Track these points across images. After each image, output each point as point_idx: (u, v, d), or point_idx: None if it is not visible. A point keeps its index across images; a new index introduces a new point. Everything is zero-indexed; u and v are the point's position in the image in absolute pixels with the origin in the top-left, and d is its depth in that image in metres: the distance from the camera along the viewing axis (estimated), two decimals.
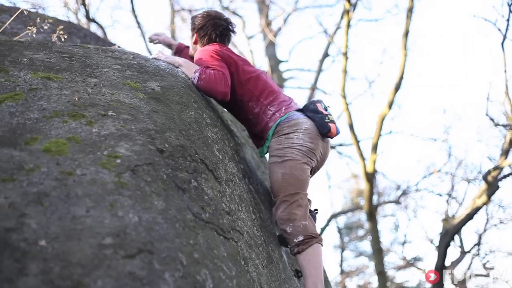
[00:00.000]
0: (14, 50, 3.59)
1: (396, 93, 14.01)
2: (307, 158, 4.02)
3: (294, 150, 4.00)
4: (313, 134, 4.10)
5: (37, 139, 2.47)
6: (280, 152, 4.04)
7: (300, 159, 3.98)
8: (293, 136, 4.06)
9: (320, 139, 4.14)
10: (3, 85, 2.94)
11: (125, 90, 3.24)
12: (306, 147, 4.03)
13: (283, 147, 4.04)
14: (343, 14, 15.14)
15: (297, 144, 4.03)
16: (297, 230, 3.86)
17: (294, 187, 3.95)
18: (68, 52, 3.79)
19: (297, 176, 3.96)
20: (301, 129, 4.09)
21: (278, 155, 4.04)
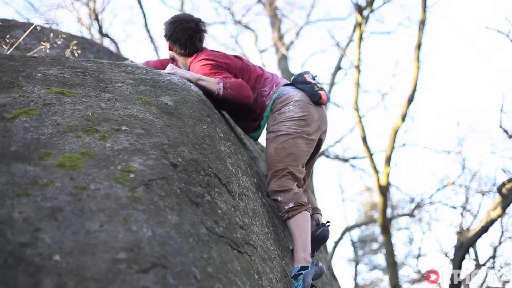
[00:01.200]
0: (28, 66, 3.62)
1: (409, 105, 13.96)
2: (301, 128, 4.16)
3: (287, 123, 4.17)
4: (304, 103, 4.25)
5: (51, 154, 2.48)
6: (274, 127, 4.21)
7: (293, 133, 4.13)
8: (284, 110, 4.23)
9: (313, 106, 4.28)
10: (18, 101, 2.96)
11: (139, 105, 3.25)
12: (298, 117, 4.18)
13: (277, 122, 4.21)
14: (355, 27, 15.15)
15: (289, 116, 4.19)
16: (288, 198, 3.99)
17: (285, 162, 4.08)
18: (82, 67, 3.81)
19: (288, 150, 4.10)
20: (292, 102, 4.25)
21: (272, 131, 4.21)
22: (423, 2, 12.92)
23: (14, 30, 7.31)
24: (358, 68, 14.61)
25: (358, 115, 14.73)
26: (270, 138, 4.22)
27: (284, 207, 3.98)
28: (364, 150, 14.79)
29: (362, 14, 14.20)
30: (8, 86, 3.13)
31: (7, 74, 3.33)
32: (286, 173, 4.05)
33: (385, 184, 14.53)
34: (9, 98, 2.97)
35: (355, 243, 26.02)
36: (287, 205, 3.97)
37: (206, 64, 4.26)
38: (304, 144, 4.16)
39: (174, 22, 4.53)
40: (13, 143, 2.51)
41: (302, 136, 4.15)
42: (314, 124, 4.25)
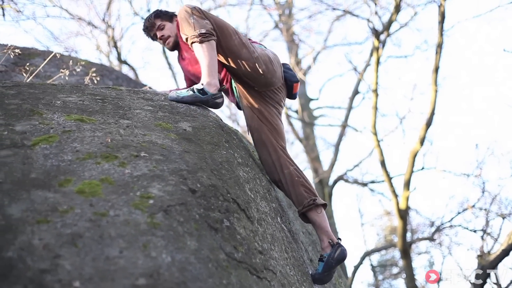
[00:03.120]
0: (48, 93, 3.65)
1: (428, 129, 13.90)
2: (260, 60, 4.27)
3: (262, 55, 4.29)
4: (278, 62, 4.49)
5: (71, 180, 2.49)
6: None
7: (254, 51, 4.27)
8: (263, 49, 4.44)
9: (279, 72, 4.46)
10: (38, 128, 2.99)
11: (157, 131, 3.27)
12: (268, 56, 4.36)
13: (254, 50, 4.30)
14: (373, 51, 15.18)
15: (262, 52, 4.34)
16: (203, 24, 4.09)
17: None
18: (101, 94, 3.85)
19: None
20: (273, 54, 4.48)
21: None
22: (439, 26, 12.91)
23: (34, 58, 7.41)
24: (375, 92, 14.61)
25: (376, 139, 14.70)
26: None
27: (196, 30, 4.05)
28: (383, 174, 14.73)
29: (379, 39, 14.22)
30: (28, 113, 3.17)
31: (27, 102, 3.37)
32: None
33: (404, 208, 14.45)
34: (29, 125, 3.00)
35: (375, 268, 25.86)
36: (201, 29, 4.05)
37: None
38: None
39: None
40: (33, 170, 2.53)
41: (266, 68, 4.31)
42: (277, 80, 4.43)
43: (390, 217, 23.62)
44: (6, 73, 6.64)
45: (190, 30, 4.08)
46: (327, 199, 17.79)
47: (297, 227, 4.56)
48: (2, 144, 2.74)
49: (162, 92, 4.38)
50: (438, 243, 18.77)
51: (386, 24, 14.43)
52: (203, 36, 4.04)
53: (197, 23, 4.06)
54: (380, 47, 14.38)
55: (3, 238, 2.01)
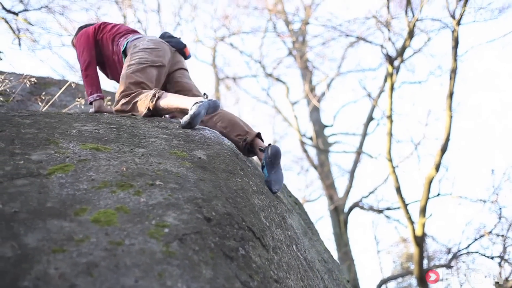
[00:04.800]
0: (63, 122, 3.68)
1: (443, 155, 13.84)
2: (152, 56, 4.70)
3: (139, 53, 4.69)
4: (157, 41, 4.88)
5: (86, 209, 2.50)
6: (128, 59, 4.71)
7: (143, 62, 4.64)
8: (139, 44, 4.78)
9: (167, 46, 4.94)
10: (53, 157, 3.00)
11: (172, 159, 3.28)
12: (150, 48, 4.74)
13: (130, 54, 4.73)
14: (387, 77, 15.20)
15: (142, 48, 4.73)
16: (146, 93, 4.43)
17: (133, 85, 4.54)
18: (116, 123, 3.87)
19: (137, 76, 4.58)
20: (146, 39, 4.85)
21: (126, 62, 4.71)
22: (453, 51, 12.93)
23: (49, 87, 7.47)
24: (390, 118, 14.60)
25: (391, 165, 14.65)
26: (124, 68, 4.68)
27: (148, 96, 4.37)
28: (399, 201, 14.66)
29: (393, 65, 14.25)
30: (44, 142, 3.19)
31: (43, 131, 3.39)
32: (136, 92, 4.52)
33: (420, 234, 14.35)
34: (45, 154, 3.02)
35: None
36: (150, 93, 4.38)
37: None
38: (152, 69, 4.69)
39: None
40: (49, 199, 2.54)
41: (153, 62, 4.70)
42: (165, 59, 4.83)
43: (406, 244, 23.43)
44: (22, 102, 6.69)
45: (146, 108, 4.42)
46: (343, 227, 17.70)
47: (312, 255, 4.53)
48: (18, 173, 2.75)
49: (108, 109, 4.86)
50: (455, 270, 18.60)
51: (399, 50, 14.47)
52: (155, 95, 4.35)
53: (144, 97, 4.42)
54: (394, 73, 14.40)
55: (19, 267, 2.01)
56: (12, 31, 11.69)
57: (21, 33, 11.83)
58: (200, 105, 4.07)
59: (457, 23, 12.32)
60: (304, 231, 5.13)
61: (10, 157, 2.93)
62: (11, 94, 6.32)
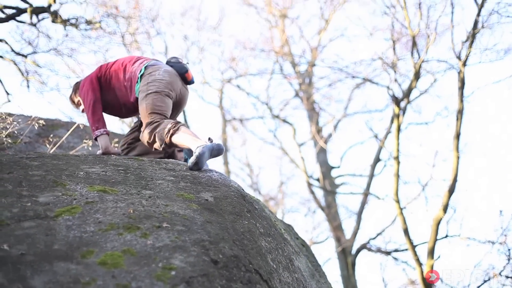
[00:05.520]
0: (71, 164, 3.70)
1: (451, 196, 13.77)
2: (167, 89, 4.91)
3: (155, 83, 4.88)
4: (172, 73, 5.07)
5: (93, 252, 2.49)
6: (145, 87, 4.89)
7: (160, 91, 4.85)
8: (155, 73, 4.96)
9: (179, 79, 5.15)
10: (61, 199, 3.01)
11: (179, 201, 3.28)
12: (165, 80, 4.94)
13: (147, 83, 4.90)
14: (393, 119, 15.22)
15: (158, 78, 4.92)
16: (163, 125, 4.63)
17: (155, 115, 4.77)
18: (123, 165, 3.88)
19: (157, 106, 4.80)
20: (162, 69, 5.03)
21: (143, 91, 4.88)
22: (459, 92, 12.96)
23: (57, 129, 7.52)
24: (397, 159, 14.58)
25: (399, 206, 14.59)
26: (141, 96, 4.88)
27: (165, 131, 4.56)
28: (407, 243, 14.55)
29: (399, 106, 14.29)
30: (51, 184, 3.20)
31: (51, 173, 3.41)
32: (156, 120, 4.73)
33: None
34: (52, 196, 3.03)
35: None
36: (167, 127, 4.57)
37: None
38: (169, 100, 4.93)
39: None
40: (56, 242, 2.54)
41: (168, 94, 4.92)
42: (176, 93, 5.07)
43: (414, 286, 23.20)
44: (30, 144, 6.73)
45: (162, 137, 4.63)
46: (350, 269, 17.56)
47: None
48: (26, 215, 2.76)
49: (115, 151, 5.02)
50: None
51: (406, 91, 14.52)
52: (171, 129, 4.55)
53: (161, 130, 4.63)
54: (400, 114, 14.43)
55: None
56: (20, 73, 11.82)
57: (29, 75, 11.97)
58: (204, 147, 4.24)
59: (463, 64, 12.39)
60: (312, 273, 5.09)
61: (17, 199, 2.94)
62: (19, 136, 6.36)
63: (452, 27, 12.59)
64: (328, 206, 19.57)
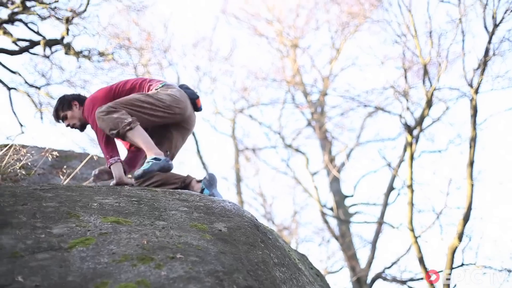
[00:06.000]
0: (84, 196, 3.71)
1: (465, 224, 13.66)
2: (176, 105, 4.93)
3: (164, 94, 4.90)
4: (184, 95, 5.09)
5: (107, 283, 2.49)
6: (154, 91, 4.97)
7: (164, 101, 4.86)
8: (168, 90, 4.99)
9: (190, 103, 5.15)
10: (74, 230, 3.01)
11: (193, 232, 3.27)
12: (176, 96, 4.95)
13: (157, 91, 4.96)
14: (406, 147, 15.17)
15: (169, 93, 4.94)
16: (124, 116, 4.67)
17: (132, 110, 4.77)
18: (137, 195, 3.89)
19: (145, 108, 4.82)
20: (176, 89, 5.08)
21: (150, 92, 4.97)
22: (472, 120, 12.92)
23: (71, 160, 7.55)
24: (411, 188, 14.51)
25: (413, 235, 14.49)
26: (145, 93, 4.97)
27: (124, 121, 4.63)
28: (422, 271, 14.42)
29: (412, 134, 14.26)
30: (65, 216, 3.21)
31: (65, 204, 3.42)
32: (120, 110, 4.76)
33: None
34: (66, 228, 3.03)
35: None
36: (127, 119, 4.64)
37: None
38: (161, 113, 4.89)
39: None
40: (70, 273, 2.54)
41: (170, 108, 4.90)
42: (185, 113, 5.06)
43: None
44: (44, 175, 6.76)
45: (116, 126, 4.67)
46: None
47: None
48: (40, 247, 2.76)
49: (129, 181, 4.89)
50: None
51: (418, 119, 14.49)
52: (130, 123, 4.64)
53: (118, 118, 4.67)
54: (413, 143, 14.39)
55: None
56: (34, 105, 11.92)
57: (43, 106, 12.08)
58: (154, 163, 4.56)
59: (475, 92, 12.35)
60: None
61: (31, 231, 2.95)
62: (33, 168, 6.39)
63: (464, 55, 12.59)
64: (342, 235, 19.47)
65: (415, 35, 13.53)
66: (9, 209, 3.23)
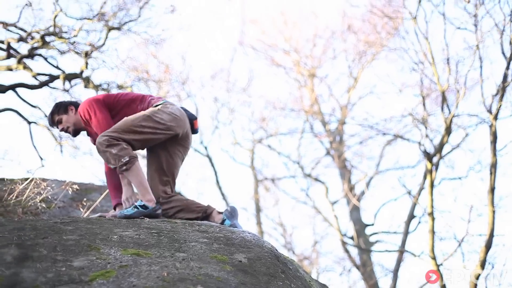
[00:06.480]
0: (104, 228, 3.72)
1: (488, 251, 13.50)
2: (175, 124, 4.94)
3: (164, 114, 4.88)
4: (183, 114, 5.12)
5: None
6: (154, 109, 4.91)
7: (164, 123, 4.86)
8: (169, 107, 4.99)
9: (188, 122, 5.16)
10: (95, 263, 3.02)
11: (213, 263, 3.27)
12: (175, 115, 4.96)
13: (158, 109, 4.91)
14: (426, 174, 15.08)
15: (169, 112, 4.94)
16: (122, 152, 4.62)
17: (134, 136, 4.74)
18: (156, 227, 3.89)
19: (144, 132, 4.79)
20: (176, 107, 5.07)
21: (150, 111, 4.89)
22: (492, 146, 12.83)
23: (91, 193, 7.58)
24: (431, 216, 14.40)
25: (435, 263, 14.34)
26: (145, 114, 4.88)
27: (121, 160, 4.60)
28: None
29: (431, 161, 14.18)
30: (85, 249, 3.22)
31: (85, 237, 3.43)
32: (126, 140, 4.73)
33: None
34: (87, 261, 3.04)
35: None
36: (124, 158, 4.60)
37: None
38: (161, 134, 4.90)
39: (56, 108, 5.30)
40: None
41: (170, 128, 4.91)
42: (182, 131, 5.07)
43: None
44: (64, 208, 6.78)
45: (114, 163, 4.65)
46: None
47: None
48: (60, 280, 2.77)
49: (111, 214, 4.83)
50: None
51: (437, 146, 14.42)
52: (126, 164, 4.63)
53: (116, 155, 4.63)
54: (433, 170, 14.30)
55: None
56: (54, 139, 12.02)
57: (62, 140, 12.17)
58: (138, 212, 4.56)
59: (494, 118, 12.29)
60: None
61: (52, 264, 2.95)
62: (53, 201, 6.42)
63: (482, 81, 12.55)
64: (364, 264, 19.32)
65: (433, 62, 13.52)
66: (30, 243, 3.25)
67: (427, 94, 15.39)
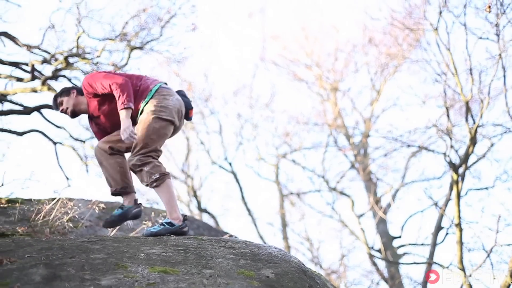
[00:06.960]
0: (131, 246, 3.73)
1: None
2: (177, 117, 5.06)
3: (168, 110, 4.97)
4: (182, 104, 5.18)
5: None
6: (158, 108, 4.94)
7: (171, 119, 4.98)
8: (169, 98, 5.05)
9: (183, 111, 5.22)
10: (123, 281, 3.03)
11: (240, 279, 3.26)
12: (176, 108, 5.05)
13: (161, 105, 4.97)
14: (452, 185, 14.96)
15: (171, 105, 5.01)
16: (154, 170, 4.78)
17: (157, 143, 4.91)
18: (183, 245, 3.90)
19: (162, 136, 4.96)
20: (175, 97, 5.13)
21: (154, 111, 4.92)
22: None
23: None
24: (459, 227, 14.26)
25: (464, 274, 14.20)
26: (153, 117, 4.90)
27: (151, 177, 4.74)
28: None
29: (457, 172, 14.06)
30: (113, 267, 3.23)
31: (112, 256, 3.45)
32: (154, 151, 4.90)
33: None
34: (114, 279, 3.05)
35: None
36: (154, 175, 4.74)
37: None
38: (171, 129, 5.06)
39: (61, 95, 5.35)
40: None
41: (174, 121, 5.03)
42: (180, 121, 5.20)
43: None
44: (91, 227, 6.82)
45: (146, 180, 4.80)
46: None
47: None
48: None
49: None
50: None
51: (463, 157, 14.31)
52: (156, 180, 4.77)
53: (148, 172, 4.79)
54: (459, 181, 14.18)
55: None
56: (79, 158, 12.11)
57: (88, 159, 12.25)
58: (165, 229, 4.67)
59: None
60: None
61: (80, 283, 2.97)
62: (80, 220, 6.46)
63: (506, 91, 12.44)
64: (392, 277, 19.16)
65: (455, 73, 13.45)
66: (58, 262, 3.27)
67: (451, 105, 15.30)
